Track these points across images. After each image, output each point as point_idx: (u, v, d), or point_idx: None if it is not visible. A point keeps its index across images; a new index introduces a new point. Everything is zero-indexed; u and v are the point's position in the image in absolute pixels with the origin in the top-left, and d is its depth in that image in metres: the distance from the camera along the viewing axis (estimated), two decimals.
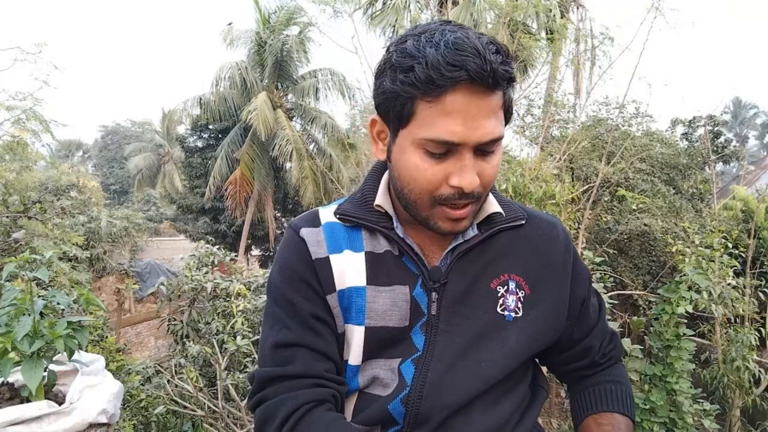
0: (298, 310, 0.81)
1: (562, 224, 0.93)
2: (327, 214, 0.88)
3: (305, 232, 0.85)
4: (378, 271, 0.82)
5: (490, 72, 0.67)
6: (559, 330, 0.86)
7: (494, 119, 0.71)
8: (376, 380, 0.80)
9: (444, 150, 0.71)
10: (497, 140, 0.72)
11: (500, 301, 0.82)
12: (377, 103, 0.76)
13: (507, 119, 0.76)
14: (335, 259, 0.83)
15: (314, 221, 0.87)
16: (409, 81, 0.69)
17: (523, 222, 0.87)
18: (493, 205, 0.85)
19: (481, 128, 0.69)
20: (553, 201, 3.50)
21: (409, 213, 0.80)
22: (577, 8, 9.30)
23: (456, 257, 0.82)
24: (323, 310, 0.82)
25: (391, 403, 0.78)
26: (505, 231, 0.85)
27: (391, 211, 0.84)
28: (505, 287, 0.83)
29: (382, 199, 0.85)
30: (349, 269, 0.82)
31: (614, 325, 2.62)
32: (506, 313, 0.82)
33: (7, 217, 5.46)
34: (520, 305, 0.82)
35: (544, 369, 1.02)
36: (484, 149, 0.72)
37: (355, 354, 0.81)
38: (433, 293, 0.81)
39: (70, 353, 1.23)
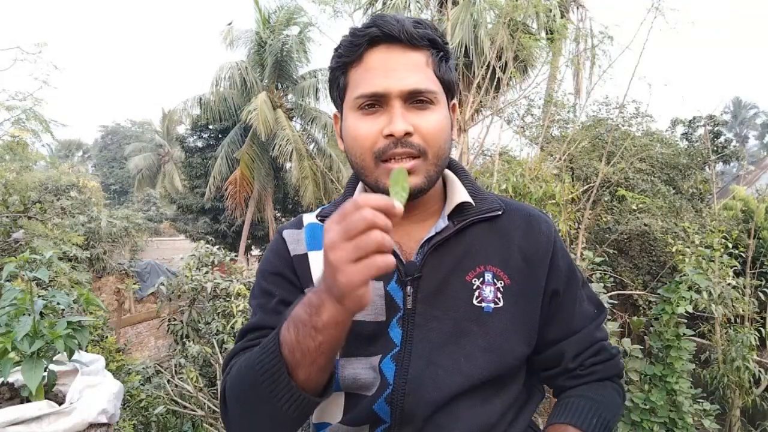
0: (269, 299, 0.85)
1: (547, 218, 0.91)
2: (310, 217, 0.93)
3: (287, 233, 0.91)
4: None
5: (402, 28, 0.74)
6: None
7: (418, 73, 0.76)
8: (359, 381, 0.81)
9: (373, 103, 0.76)
10: (425, 92, 0.76)
11: (476, 294, 0.81)
12: (330, 93, 0.86)
13: (448, 92, 0.81)
14: (314, 256, 0.86)
15: (298, 224, 0.93)
16: (338, 54, 0.79)
17: (500, 213, 0.86)
18: (461, 195, 0.85)
19: (403, 78, 0.75)
20: (553, 201, 3.49)
21: (367, 186, 0.83)
22: (577, 8, 9.30)
23: (430, 250, 0.82)
24: (298, 299, 0.83)
25: (376, 403, 0.78)
26: (479, 223, 0.85)
27: None
28: (481, 279, 0.82)
29: None
30: None
31: (614, 325, 2.62)
32: (484, 304, 0.81)
33: (7, 217, 5.46)
34: (499, 295, 0.81)
35: None
36: (416, 103, 0.76)
37: None
38: (408, 287, 0.81)
39: (70, 353, 1.23)
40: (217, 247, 5.46)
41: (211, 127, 15.99)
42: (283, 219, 16.55)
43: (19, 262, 1.29)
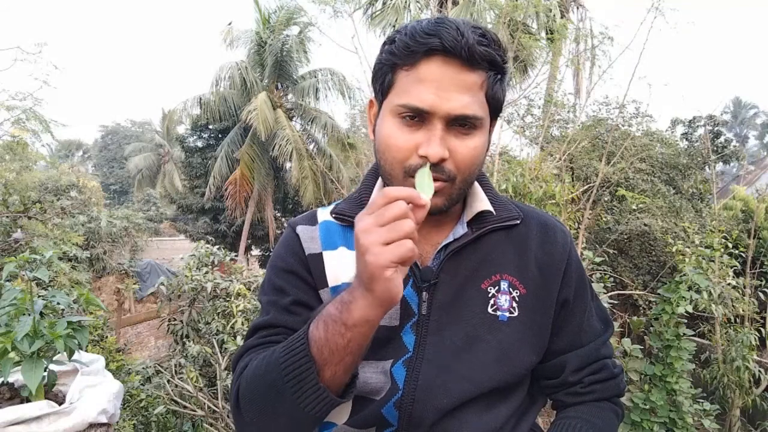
0: (281, 297, 0.83)
1: (564, 227, 0.90)
2: (324, 213, 0.90)
3: (301, 229, 0.88)
4: None
5: (464, 45, 0.69)
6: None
7: (469, 96, 0.72)
8: (369, 385, 0.80)
9: (416, 117, 0.72)
10: (471, 118, 0.72)
11: (491, 302, 0.80)
12: (372, 80, 0.80)
13: (494, 114, 0.77)
14: (329, 256, 0.84)
15: (312, 220, 0.90)
16: (391, 50, 0.74)
17: (518, 222, 0.85)
18: (482, 203, 0.84)
19: (453, 100, 0.70)
20: (553, 201, 3.49)
21: None
22: (577, 8, 9.30)
23: (447, 257, 0.81)
24: (312, 298, 0.83)
25: (384, 406, 0.78)
26: (497, 230, 0.84)
27: None
28: (497, 287, 0.81)
29: None
30: (343, 266, 0.83)
31: (614, 325, 2.62)
32: (499, 313, 0.80)
33: (7, 217, 5.46)
34: (515, 305, 0.81)
35: None
36: (459, 127, 0.73)
37: None
38: (424, 293, 0.80)
39: (70, 353, 1.23)
40: (217, 247, 5.45)
41: (211, 127, 15.98)
42: (283, 219, 16.54)
43: (19, 262, 1.29)
